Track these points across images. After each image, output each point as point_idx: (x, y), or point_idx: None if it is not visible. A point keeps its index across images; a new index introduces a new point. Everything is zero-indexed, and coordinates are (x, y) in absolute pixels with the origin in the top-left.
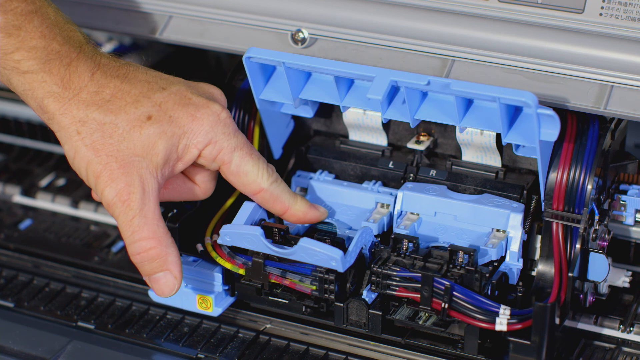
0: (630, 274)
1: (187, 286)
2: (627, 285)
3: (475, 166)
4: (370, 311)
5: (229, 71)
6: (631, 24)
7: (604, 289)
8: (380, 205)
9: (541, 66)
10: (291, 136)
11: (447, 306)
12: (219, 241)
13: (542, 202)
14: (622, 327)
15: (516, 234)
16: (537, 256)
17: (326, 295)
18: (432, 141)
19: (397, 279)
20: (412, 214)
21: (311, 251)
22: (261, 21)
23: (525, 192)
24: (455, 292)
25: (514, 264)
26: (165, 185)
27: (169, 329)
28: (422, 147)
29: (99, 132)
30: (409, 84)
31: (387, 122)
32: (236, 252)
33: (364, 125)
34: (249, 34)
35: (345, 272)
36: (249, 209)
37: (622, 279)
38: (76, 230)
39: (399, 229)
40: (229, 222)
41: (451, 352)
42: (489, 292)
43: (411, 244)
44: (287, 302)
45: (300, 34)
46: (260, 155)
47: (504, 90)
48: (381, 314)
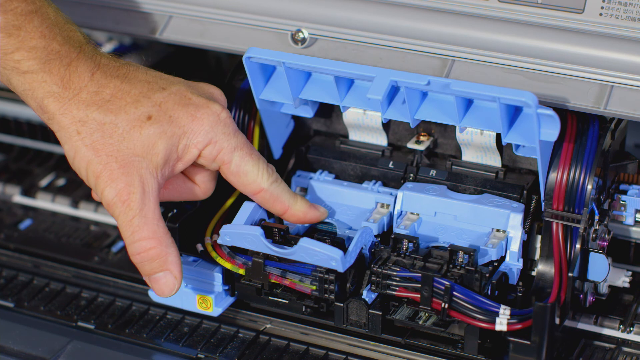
0: (630, 274)
1: (187, 286)
2: (627, 285)
3: (475, 166)
4: (370, 311)
5: (229, 71)
6: (631, 24)
7: (604, 289)
8: (380, 205)
9: (541, 66)
10: (291, 136)
11: (447, 306)
12: (219, 241)
13: (542, 202)
14: (622, 327)
15: (516, 234)
16: (537, 256)
17: (326, 295)
18: (432, 141)
19: (397, 279)
20: (412, 214)
21: (311, 251)
22: (261, 21)
23: (525, 192)
24: (455, 292)
25: (514, 264)
26: (165, 185)
27: (169, 329)
28: (422, 147)
29: (99, 132)
30: (409, 84)
31: (387, 122)
32: (236, 252)
33: (364, 125)
34: (249, 34)
35: (345, 272)
36: (249, 209)
37: (622, 279)
38: (76, 230)
39: (399, 229)
40: (229, 222)
41: (451, 352)
42: (489, 292)
43: (411, 244)
44: (287, 302)
45: (300, 34)
46: (260, 155)
47: (504, 90)
48: (381, 314)
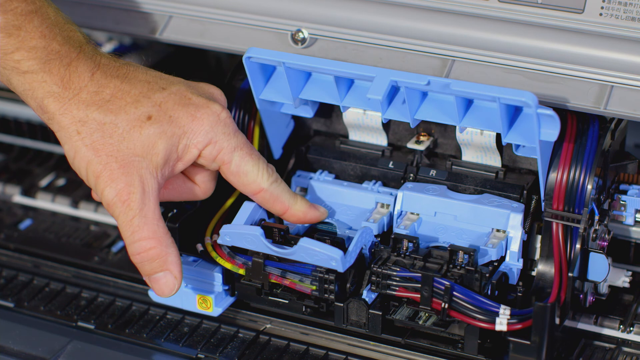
0: (630, 274)
1: (187, 286)
2: (627, 285)
3: (475, 166)
4: (370, 311)
5: (229, 71)
6: (631, 24)
7: (604, 289)
8: (380, 205)
9: (541, 66)
10: (291, 136)
11: (447, 306)
12: (219, 241)
13: (542, 202)
14: (622, 327)
15: (516, 234)
16: (537, 256)
17: (326, 295)
18: (432, 141)
19: (397, 279)
20: (412, 214)
21: (311, 251)
22: (261, 21)
23: (525, 192)
24: (455, 292)
25: (514, 264)
26: (165, 185)
27: (169, 329)
28: (422, 147)
29: (99, 132)
30: (409, 84)
31: (387, 122)
32: (236, 252)
33: (364, 125)
34: (249, 34)
35: (345, 272)
36: (249, 209)
37: (622, 279)
38: (76, 230)
39: (399, 229)
40: (229, 222)
41: (451, 352)
42: (489, 292)
43: (411, 244)
44: (287, 302)
45: (300, 34)
46: (260, 155)
47: (504, 90)
48: (381, 314)
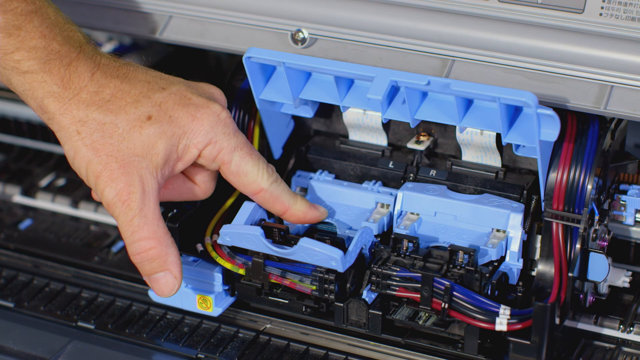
0: (630, 274)
1: (187, 286)
2: (627, 285)
3: (475, 166)
4: (370, 311)
5: (229, 71)
6: (631, 24)
7: (604, 289)
8: (380, 205)
9: (541, 66)
10: (291, 136)
11: (447, 306)
12: (219, 241)
13: (542, 202)
14: (622, 327)
15: (516, 234)
16: (537, 256)
17: (326, 295)
18: (432, 141)
19: (397, 279)
20: (412, 214)
21: (311, 251)
22: (261, 21)
23: (525, 192)
24: (455, 292)
25: (514, 264)
26: (165, 185)
27: (169, 329)
28: (422, 147)
29: (99, 132)
30: (409, 84)
31: (387, 122)
32: (236, 252)
33: (364, 125)
34: (249, 34)
35: (345, 272)
36: (249, 209)
37: (622, 279)
38: (76, 230)
39: (399, 229)
40: (229, 222)
41: (451, 352)
42: (489, 292)
43: (411, 244)
44: (287, 302)
45: (300, 34)
46: (260, 155)
47: (504, 90)
48: (381, 314)
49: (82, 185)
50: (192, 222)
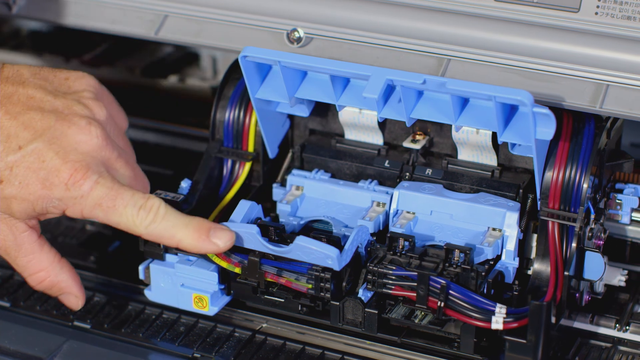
0: (626, 272)
1: (183, 285)
2: (623, 284)
3: (471, 165)
4: (366, 310)
5: (225, 70)
6: (627, 23)
7: (600, 288)
8: (376, 204)
9: (537, 65)
10: (287, 135)
11: (443, 305)
12: None
13: (538, 201)
14: (618, 325)
15: (512, 233)
16: (533, 255)
17: (322, 293)
18: (428, 140)
19: (393, 277)
20: (408, 212)
21: (307, 249)
22: (257, 20)
23: (521, 190)
24: (451, 291)
25: (509, 262)
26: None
27: (165, 329)
28: (418, 146)
29: None
30: (405, 83)
31: (383, 121)
32: (232, 250)
33: (360, 124)
34: (245, 33)
35: (341, 271)
36: (245, 207)
37: (618, 278)
38: (72, 229)
39: (395, 227)
40: (225, 220)
41: (447, 351)
42: (485, 290)
43: (407, 243)
44: (282, 301)
45: (295, 33)
46: (129, 198)
47: (500, 89)
48: (377, 312)
49: None
50: None
